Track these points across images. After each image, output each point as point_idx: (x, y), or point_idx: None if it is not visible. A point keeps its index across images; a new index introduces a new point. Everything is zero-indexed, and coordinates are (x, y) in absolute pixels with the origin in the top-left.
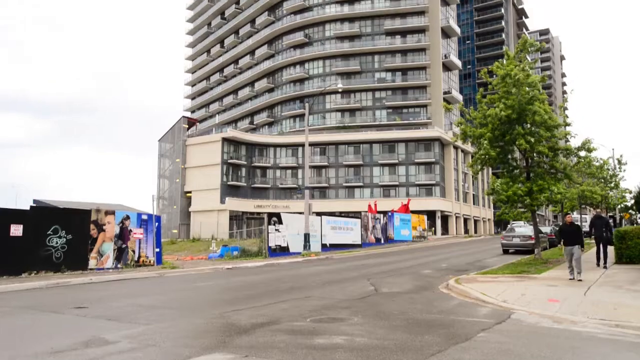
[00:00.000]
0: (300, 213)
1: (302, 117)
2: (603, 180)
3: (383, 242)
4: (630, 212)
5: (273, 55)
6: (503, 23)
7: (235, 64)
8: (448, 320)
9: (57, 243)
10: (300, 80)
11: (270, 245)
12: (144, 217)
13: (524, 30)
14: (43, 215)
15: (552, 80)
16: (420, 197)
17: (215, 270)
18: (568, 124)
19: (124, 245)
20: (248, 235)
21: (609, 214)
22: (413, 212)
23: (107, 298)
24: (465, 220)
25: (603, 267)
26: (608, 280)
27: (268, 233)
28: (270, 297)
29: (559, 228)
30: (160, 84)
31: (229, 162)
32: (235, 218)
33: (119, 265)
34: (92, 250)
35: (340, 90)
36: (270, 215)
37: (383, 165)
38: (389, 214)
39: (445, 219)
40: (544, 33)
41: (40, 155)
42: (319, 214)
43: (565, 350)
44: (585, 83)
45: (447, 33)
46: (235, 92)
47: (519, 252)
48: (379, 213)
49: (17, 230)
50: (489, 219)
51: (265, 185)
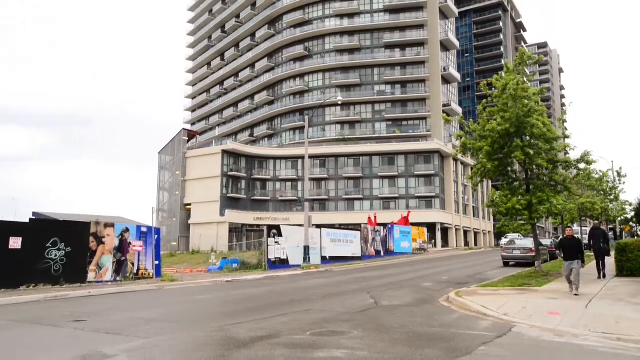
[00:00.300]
0: (300, 225)
1: (302, 129)
2: (603, 193)
3: (383, 254)
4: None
5: (273, 68)
6: (501, 36)
7: (236, 77)
8: (449, 334)
9: (56, 256)
10: (300, 93)
11: (270, 258)
12: (144, 229)
13: (522, 44)
14: (42, 228)
15: (550, 93)
16: (420, 209)
17: (215, 283)
18: (567, 136)
19: (123, 258)
20: (248, 248)
21: (609, 227)
22: (413, 224)
23: (105, 311)
24: (466, 233)
25: (602, 277)
26: (609, 293)
27: (268, 245)
28: (270, 310)
29: (560, 241)
30: (161, 97)
31: (229, 174)
32: (235, 230)
33: (118, 278)
34: (91, 263)
35: (340, 103)
36: (270, 228)
37: (383, 178)
38: (389, 227)
39: (445, 232)
40: (542, 46)
41: (40, 168)
42: (319, 227)
43: None
44: (584, 96)
45: (446, 46)
46: (236, 104)
47: (520, 264)
48: (379, 225)
49: (16, 243)
50: (489, 232)
51: (265, 198)
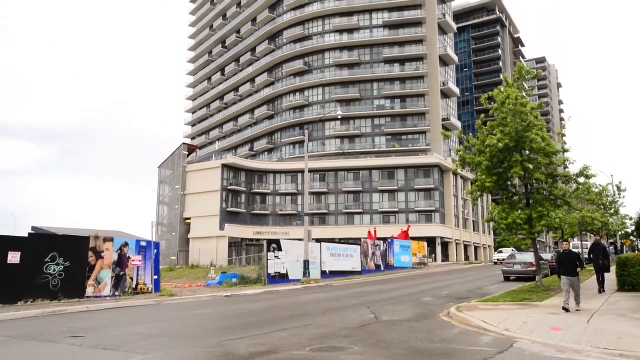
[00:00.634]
0: (300, 240)
1: (301, 143)
2: (603, 207)
3: (383, 269)
4: (632, 238)
5: (273, 83)
6: (500, 51)
7: (236, 92)
8: (449, 350)
9: (54, 270)
10: (300, 108)
11: (270, 273)
12: (143, 244)
13: (521, 58)
14: (41, 243)
15: (549, 108)
16: (420, 223)
17: (214, 298)
18: (566, 150)
19: (122, 273)
20: (247, 262)
21: (610, 241)
22: (413, 238)
23: (104, 327)
24: (466, 247)
25: (602, 292)
26: (611, 309)
27: (267, 260)
28: (270, 325)
29: (557, 256)
30: (161, 111)
31: (229, 188)
32: (235, 245)
33: (117, 293)
34: (89, 278)
35: (340, 118)
36: (270, 242)
37: (383, 192)
38: (389, 241)
39: (446, 246)
40: (541, 61)
41: (40, 182)
42: (319, 241)
43: None
44: (583, 110)
45: (445, 61)
46: (236, 119)
47: (520, 279)
48: (379, 240)
49: (14, 258)
50: (490, 246)
51: (265, 212)
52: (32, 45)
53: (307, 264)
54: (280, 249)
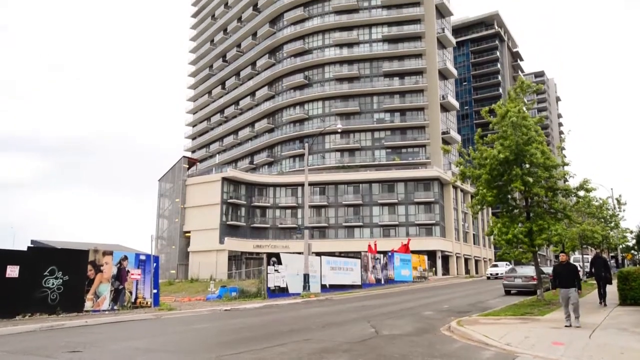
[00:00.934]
0: (300, 253)
1: (301, 157)
2: (603, 220)
3: (383, 282)
4: (633, 252)
5: (273, 97)
6: (499, 65)
7: (236, 105)
8: None
9: (53, 284)
10: (300, 121)
11: (269, 286)
12: (142, 257)
13: (520, 72)
14: (40, 256)
15: (548, 121)
16: (420, 236)
17: (213, 312)
18: (566, 164)
19: (121, 287)
20: (247, 276)
21: (611, 254)
22: (413, 252)
23: (102, 341)
24: (466, 261)
25: (603, 304)
26: (613, 323)
27: (267, 274)
28: (269, 339)
29: (553, 268)
30: (162, 125)
31: (229, 201)
32: (234, 258)
33: (116, 307)
34: (88, 292)
35: (340, 131)
36: (270, 256)
37: (382, 205)
38: (389, 254)
39: (446, 259)
40: (539, 75)
41: (40, 196)
42: (319, 254)
43: None
44: (581, 123)
45: (444, 75)
46: (236, 132)
47: (521, 292)
48: (379, 253)
49: (13, 272)
50: (490, 259)
51: (265, 225)
52: (32, 63)
53: (307, 278)
54: (280, 263)
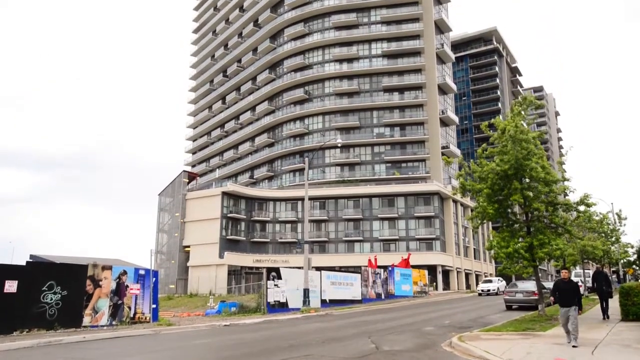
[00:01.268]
0: (300, 268)
1: (301, 171)
2: (604, 235)
3: (384, 297)
4: (634, 267)
5: (273, 111)
6: (497, 80)
7: (236, 120)
8: None
9: (51, 299)
10: (300, 135)
11: (269, 301)
12: (142, 272)
13: (518, 87)
14: (39, 271)
15: (548, 136)
16: (421, 251)
17: (212, 328)
18: (567, 179)
19: (120, 302)
20: (247, 291)
21: (612, 269)
22: (413, 266)
23: (100, 357)
24: (467, 275)
25: (606, 318)
26: (615, 339)
27: (267, 288)
28: (268, 355)
29: (555, 284)
30: (162, 139)
31: (229, 216)
32: (234, 273)
33: (114, 322)
34: (87, 307)
35: (340, 145)
36: (269, 270)
37: (383, 219)
38: (390, 269)
39: (447, 274)
40: (538, 90)
41: (40, 210)
42: (319, 269)
43: None
44: (581, 137)
45: (443, 90)
46: (236, 146)
47: (523, 308)
48: (379, 268)
49: (11, 287)
50: (491, 274)
51: (265, 240)
52: (32, 77)
53: (306, 293)
54: (280, 277)
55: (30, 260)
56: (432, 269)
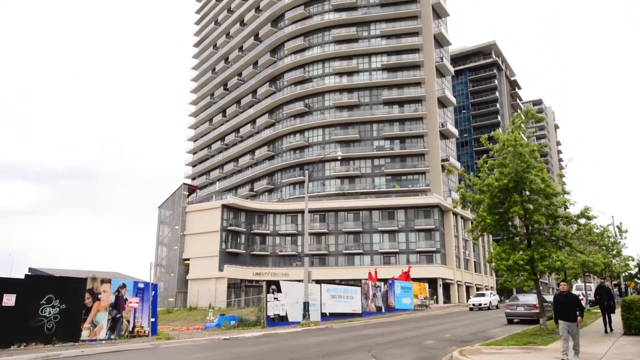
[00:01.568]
0: (300, 281)
1: (301, 184)
2: (605, 248)
3: (384, 310)
4: (636, 280)
5: (274, 124)
6: (497, 94)
7: (237, 132)
8: None
9: (49, 313)
10: (300, 148)
11: (269, 315)
12: (141, 285)
13: (518, 100)
14: (37, 284)
15: (548, 149)
16: (421, 264)
17: (212, 341)
18: (567, 192)
19: (119, 315)
20: (246, 304)
21: (614, 282)
22: (414, 279)
23: None
24: (468, 288)
25: (609, 331)
26: (618, 353)
27: (267, 302)
28: None
29: (554, 298)
30: (162, 152)
31: (229, 229)
32: (234, 286)
33: (113, 336)
34: (85, 321)
35: (340, 158)
36: (269, 283)
37: (383, 232)
38: (390, 282)
39: (447, 287)
40: (537, 103)
41: (39, 223)
42: (319, 282)
43: None
44: (580, 150)
45: (443, 103)
46: (236, 159)
47: (524, 321)
48: (380, 281)
49: (9, 300)
50: (492, 287)
51: (265, 253)
52: (32, 86)
53: (306, 306)
54: (280, 291)
55: (29, 274)
56: (432, 282)
